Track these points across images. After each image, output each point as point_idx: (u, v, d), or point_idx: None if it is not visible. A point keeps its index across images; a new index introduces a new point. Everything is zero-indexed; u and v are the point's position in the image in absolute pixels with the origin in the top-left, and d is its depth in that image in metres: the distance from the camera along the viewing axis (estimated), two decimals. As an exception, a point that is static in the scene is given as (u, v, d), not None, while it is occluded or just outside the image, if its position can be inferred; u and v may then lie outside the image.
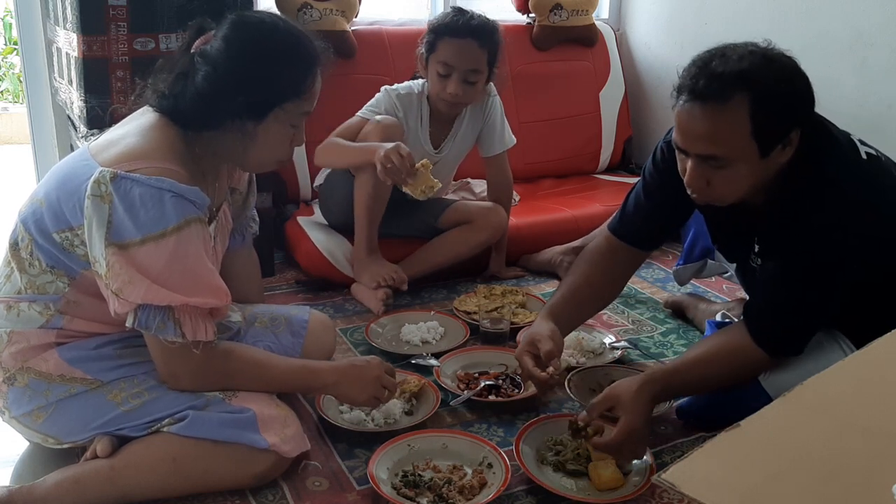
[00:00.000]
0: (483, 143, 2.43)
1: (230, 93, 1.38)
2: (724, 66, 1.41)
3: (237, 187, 1.69)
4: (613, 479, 1.46)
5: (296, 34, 1.45)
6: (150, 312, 1.32)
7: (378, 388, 1.54)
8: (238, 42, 1.39)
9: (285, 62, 1.41)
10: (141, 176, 1.30)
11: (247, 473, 1.43)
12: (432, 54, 2.25)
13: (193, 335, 1.34)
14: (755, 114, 1.40)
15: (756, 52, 1.43)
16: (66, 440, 1.43)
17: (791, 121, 1.44)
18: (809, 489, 0.79)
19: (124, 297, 1.30)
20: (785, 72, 1.44)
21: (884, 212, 1.48)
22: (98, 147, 1.38)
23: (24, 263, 1.41)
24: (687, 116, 1.44)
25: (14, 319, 1.42)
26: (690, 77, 1.43)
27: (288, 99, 1.42)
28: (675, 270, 2.16)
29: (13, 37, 4.94)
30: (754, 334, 1.53)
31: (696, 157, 1.47)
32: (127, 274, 1.29)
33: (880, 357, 1.04)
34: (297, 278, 2.46)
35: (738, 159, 1.44)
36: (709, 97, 1.41)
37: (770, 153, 1.44)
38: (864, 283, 1.53)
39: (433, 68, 2.25)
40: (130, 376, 1.42)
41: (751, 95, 1.39)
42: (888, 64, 2.51)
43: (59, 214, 1.36)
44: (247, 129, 1.42)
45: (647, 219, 1.76)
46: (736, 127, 1.41)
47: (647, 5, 3.41)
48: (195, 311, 1.34)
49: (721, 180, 1.47)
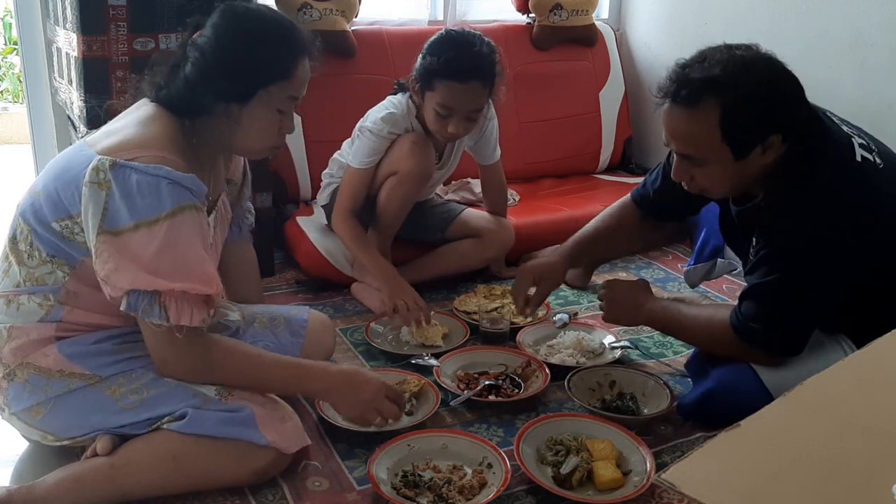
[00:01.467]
0: (478, 153, 2.41)
1: (216, 76, 1.41)
2: (699, 72, 1.47)
3: (233, 178, 1.70)
4: (613, 480, 1.46)
5: (282, 21, 1.49)
6: (139, 296, 1.33)
7: (369, 409, 1.53)
8: (224, 28, 1.43)
9: (270, 45, 1.44)
10: (139, 164, 1.31)
11: (246, 470, 1.43)
12: (429, 91, 2.09)
13: (177, 319, 1.34)
14: (725, 119, 1.46)
15: (734, 59, 1.47)
16: (64, 436, 1.43)
17: (767, 125, 1.47)
18: (809, 489, 0.79)
19: (112, 283, 1.31)
20: (762, 77, 1.46)
21: (880, 213, 1.49)
22: (95, 139, 1.40)
23: (23, 256, 1.41)
24: (666, 117, 1.53)
25: (14, 314, 1.42)
26: (669, 80, 1.52)
27: (272, 81, 1.44)
28: (686, 272, 2.17)
29: (13, 37, 4.94)
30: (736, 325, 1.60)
31: (677, 153, 1.57)
32: (114, 262, 1.30)
33: (880, 357, 1.04)
34: (297, 278, 2.46)
35: (711, 161, 1.52)
36: (680, 101, 1.49)
37: (747, 155, 1.49)
38: (862, 284, 1.53)
39: (430, 104, 2.10)
40: (128, 371, 1.42)
41: (721, 101, 1.45)
42: (888, 64, 2.51)
43: (58, 203, 1.37)
44: (232, 112, 1.44)
45: (663, 196, 1.89)
46: (706, 131, 1.48)
47: (647, 5, 3.41)
48: (183, 296, 1.34)
49: (701, 176, 1.57)
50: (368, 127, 2.18)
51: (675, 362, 2.00)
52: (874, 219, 1.49)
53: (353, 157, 2.22)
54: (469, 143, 2.36)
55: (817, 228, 1.48)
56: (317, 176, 2.53)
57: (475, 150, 2.39)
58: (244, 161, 1.73)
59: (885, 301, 1.56)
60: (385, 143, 2.18)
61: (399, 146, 2.17)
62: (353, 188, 2.21)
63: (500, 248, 2.44)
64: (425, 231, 2.40)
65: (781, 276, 1.52)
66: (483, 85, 2.08)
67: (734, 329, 1.60)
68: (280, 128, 1.50)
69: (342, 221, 2.20)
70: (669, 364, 1.99)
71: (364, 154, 2.19)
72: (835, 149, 1.52)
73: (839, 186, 1.49)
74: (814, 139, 1.52)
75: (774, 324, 1.56)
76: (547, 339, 2.04)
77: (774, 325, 1.56)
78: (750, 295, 1.58)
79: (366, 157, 2.19)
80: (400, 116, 2.19)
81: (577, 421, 1.64)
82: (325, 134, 2.66)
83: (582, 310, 2.27)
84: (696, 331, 1.72)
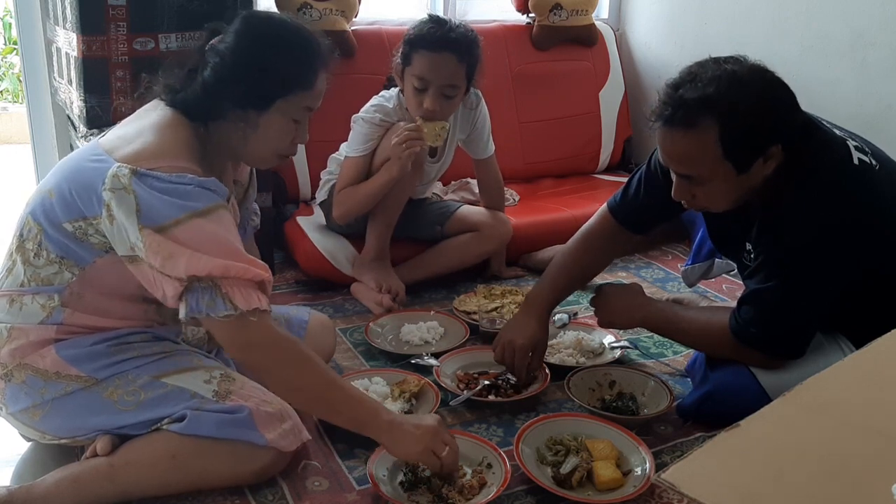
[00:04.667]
0: (471, 147, 2.42)
1: (236, 81, 1.41)
2: (692, 91, 1.44)
3: (240, 179, 1.70)
4: (613, 480, 1.46)
5: (304, 31, 1.49)
6: (198, 295, 1.30)
7: (436, 441, 1.41)
8: (247, 35, 1.43)
9: (292, 54, 1.44)
10: (161, 174, 1.31)
11: (246, 470, 1.43)
12: (408, 67, 2.14)
13: (247, 305, 1.32)
14: (724, 137, 1.43)
15: (726, 74, 1.45)
16: (63, 436, 1.44)
17: (767, 137, 1.46)
18: (809, 489, 0.79)
19: (168, 272, 1.29)
20: (756, 90, 1.45)
21: (880, 214, 1.49)
22: (111, 144, 1.39)
23: (30, 255, 1.41)
24: (661, 140, 1.50)
25: (16, 314, 1.42)
26: (662, 103, 1.48)
27: (292, 91, 1.44)
28: (684, 271, 2.17)
29: (13, 37, 4.94)
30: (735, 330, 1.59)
31: (677, 174, 1.53)
32: (167, 249, 1.28)
33: (880, 357, 1.04)
34: (297, 278, 2.46)
35: (714, 178, 1.49)
36: (676, 123, 1.46)
37: (748, 169, 1.48)
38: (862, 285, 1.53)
39: (409, 81, 2.15)
40: (123, 372, 1.41)
41: (718, 120, 1.43)
42: (888, 64, 2.51)
43: (72, 205, 1.36)
44: (249, 118, 1.44)
45: (644, 208, 1.83)
46: (707, 150, 1.45)
47: (647, 5, 3.40)
48: (240, 282, 1.32)
49: (703, 195, 1.54)
50: (361, 116, 2.23)
51: (674, 362, 2.00)
52: (875, 220, 1.49)
53: (349, 146, 2.24)
54: (461, 136, 2.37)
55: (821, 230, 1.47)
56: (316, 176, 2.54)
57: (468, 143, 2.40)
58: None
59: (884, 301, 1.56)
60: (378, 131, 2.20)
61: (392, 134, 2.17)
62: (350, 177, 2.24)
63: (499, 241, 2.44)
64: (423, 228, 2.40)
65: (783, 280, 1.51)
66: (459, 59, 2.12)
67: (733, 333, 1.59)
68: (294, 137, 1.50)
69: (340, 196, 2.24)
70: (669, 364, 1.99)
71: (359, 142, 2.22)
72: (833, 151, 1.52)
73: (841, 188, 1.48)
74: (811, 143, 1.52)
75: (776, 328, 1.55)
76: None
77: (776, 330, 1.55)
78: (750, 300, 1.57)
79: (360, 144, 2.22)
80: (391, 108, 2.22)
81: (577, 421, 1.64)
82: (324, 134, 2.64)
83: (582, 310, 2.27)
84: (692, 334, 1.72)
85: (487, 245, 2.41)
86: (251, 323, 1.33)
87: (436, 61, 2.11)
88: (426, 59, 2.11)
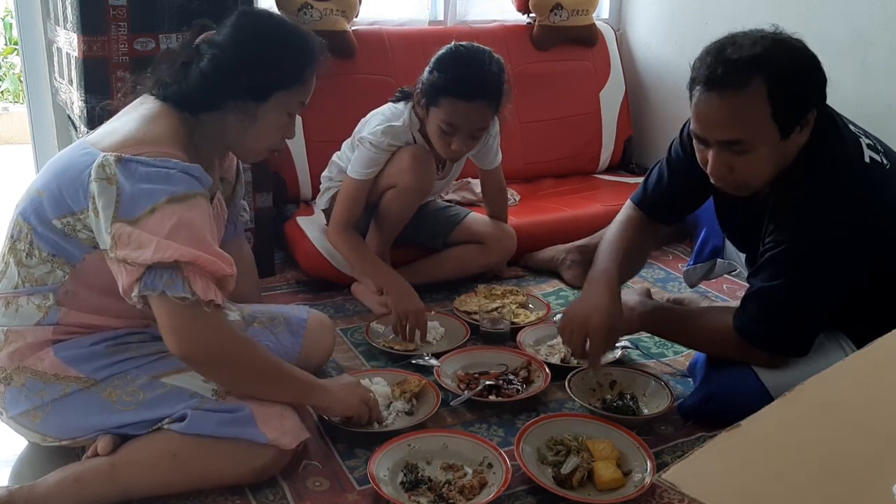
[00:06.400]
0: (480, 159, 2.40)
1: (237, 72, 1.43)
2: (738, 52, 1.44)
3: (226, 176, 1.71)
4: (614, 480, 1.46)
5: (298, 28, 1.55)
6: (157, 273, 1.29)
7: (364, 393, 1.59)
8: (246, 28, 1.47)
9: (289, 49, 1.48)
10: (146, 158, 1.32)
11: (247, 468, 1.43)
12: (434, 108, 2.07)
13: (205, 294, 1.31)
14: (773, 96, 1.42)
15: (767, 37, 1.47)
16: (64, 438, 1.44)
17: (807, 100, 1.47)
18: (809, 489, 0.79)
19: (132, 260, 1.28)
20: (797, 53, 1.47)
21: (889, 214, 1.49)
22: (97, 137, 1.40)
23: (22, 255, 1.41)
24: (705, 106, 1.46)
25: (12, 316, 1.42)
26: (706, 66, 1.45)
27: (291, 84, 1.48)
28: (686, 272, 2.17)
29: (13, 37, 4.94)
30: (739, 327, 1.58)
31: (717, 144, 1.49)
32: (136, 241, 1.28)
33: (880, 357, 1.04)
34: (297, 278, 2.46)
35: (760, 143, 1.46)
36: (727, 84, 1.43)
37: (790, 134, 1.47)
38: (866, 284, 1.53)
39: (434, 120, 2.08)
40: (122, 373, 1.42)
41: (768, 78, 1.42)
42: (888, 64, 2.51)
43: (60, 201, 1.36)
44: (248, 109, 1.46)
45: (671, 196, 1.82)
46: (756, 110, 1.43)
47: (647, 5, 3.40)
48: (204, 271, 1.32)
49: (743, 165, 1.49)
50: (368, 138, 2.16)
51: (675, 362, 2.00)
52: (884, 219, 1.48)
53: (352, 167, 2.20)
54: (472, 152, 2.36)
55: (830, 228, 1.47)
56: (317, 176, 2.53)
57: (477, 156, 2.39)
58: (236, 160, 1.73)
59: (885, 301, 1.56)
60: (385, 156, 2.17)
61: (399, 159, 2.16)
62: (350, 199, 2.20)
63: (503, 255, 2.45)
64: (427, 236, 2.40)
65: (790, 278, 1.51)
66: (489, 104, 2.06)
67: (738, 331, 1.59)
68: (285, 131, 1.53)
69: (338, 234, 2.20)
70: (670, 364, 1.99)
71: (363, 165, 2.17)
72: (846, 148, 1.52)
73: (851, 187, 1.48)
74: (828, 133, 1.52)
75: (782, 325, 1.55)
76: (547, 339, 2.04)
77: (782, 327, 1.55)
78: (755, 297, 1.57)
79: (365, 168, 2.17)
80: (401, 129, 2.16)
81: (578, 421, 1.64)
82: (325, 134, 2.66)
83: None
84: (694, 333, 1.71)
85: (490, 258, 2.42)
86: (204, 314, 1.32)
87: (468, 111, 2.04)
88: (457, 108, 2.03)
